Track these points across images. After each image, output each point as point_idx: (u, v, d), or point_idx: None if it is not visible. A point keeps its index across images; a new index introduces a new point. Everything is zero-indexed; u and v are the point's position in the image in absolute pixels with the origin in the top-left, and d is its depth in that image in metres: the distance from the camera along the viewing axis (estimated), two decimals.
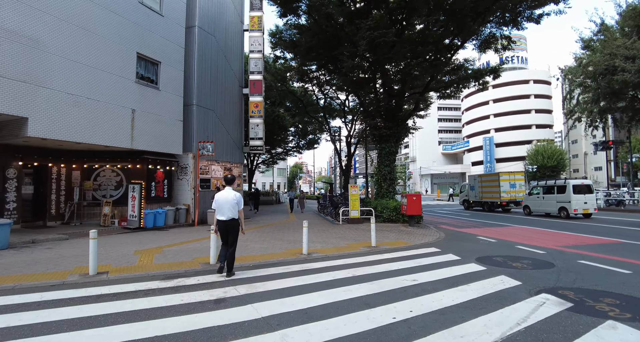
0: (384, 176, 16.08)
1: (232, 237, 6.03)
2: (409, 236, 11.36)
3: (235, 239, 6.09)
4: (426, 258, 7.71)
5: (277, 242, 9.89)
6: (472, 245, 9.71)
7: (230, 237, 6.02)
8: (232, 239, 6.05)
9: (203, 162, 15.77)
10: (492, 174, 23.15)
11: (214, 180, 16.36)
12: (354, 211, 14.44)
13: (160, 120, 13.82)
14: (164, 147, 14.01)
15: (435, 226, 14.24)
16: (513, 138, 71.73)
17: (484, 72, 17.50)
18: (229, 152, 17.54)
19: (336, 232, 12.23)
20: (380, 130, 15.72)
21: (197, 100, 15.68)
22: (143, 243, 9.89)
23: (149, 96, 13.41)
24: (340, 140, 28.32)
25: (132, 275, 6.14)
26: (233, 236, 6.03)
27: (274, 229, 13.03)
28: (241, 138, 18.85)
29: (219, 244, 7.91)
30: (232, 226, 5.99)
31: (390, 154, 16.18)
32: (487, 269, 6.62)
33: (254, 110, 18.60)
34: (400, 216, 14.49)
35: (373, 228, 9.30)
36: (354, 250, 8.71)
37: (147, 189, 13.65)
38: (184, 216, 14.82)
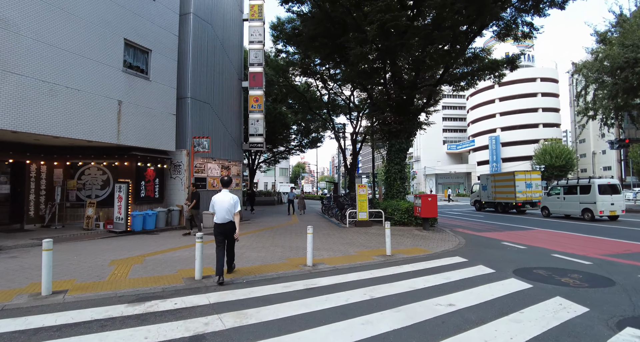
0: (394, 175, 14.83)
1: (230, 239, 6.05)
2: (426, 241, 10.12)
3: (234, 242, 6.21)
4: (454, 271, 6.48)
5: (277, 250, 8.68)
6: (500, 253, 8.46)
7: (228, 239, 6.02)
8: (232, 243, 6.15)
9: (198, 159, 14.58)
10: (507, 173, 21.87)
11: (211, 179, 15.17)
12: (362, 212, 13.21)
13: (150, 113, 12.64)
14: (155, 143, 12.83)
15: (451, 230, 13.00)
16: (520, 137, 70.36)
17: (501, 64, 16.24)
18: (227, 149, 16.35)
19: (343, 236, 11.01)
20: (390, 125, 14.48)
21: (192, 92, 14.50)
22: (125, 250, 8.70)
23: (138, 87, 12.23)
24: (345, 138, 27.10)
25: (95, 295, 4.94)
26: (231, 238, 6.04)
27: (274, 233, 11.82)
28: (240, 134, 17.66)
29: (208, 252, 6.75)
30: (230, 228, 5.92)
31: (400, 151, 14.94)
32: (534, 286, 5.38)
33: (253, 105, 17.40)
34: (413, 219, 13.25)
35: (388, 234, 8.06)
36: (366, 260, 7.48)
37: (135, 189, 12.48)
38: (177, 218, 13.64)
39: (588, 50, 35.09)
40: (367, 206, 13.29)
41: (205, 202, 14.98)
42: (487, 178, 23.24)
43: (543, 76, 72.19)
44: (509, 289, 5.24)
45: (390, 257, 7.77)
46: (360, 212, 13.22)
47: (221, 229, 5.88)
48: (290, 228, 13.37)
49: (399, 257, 7.88)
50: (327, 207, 19.66)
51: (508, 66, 16.31)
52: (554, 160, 56.32)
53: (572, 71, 36.02)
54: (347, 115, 26.87)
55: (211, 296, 4.90)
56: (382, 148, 16.34)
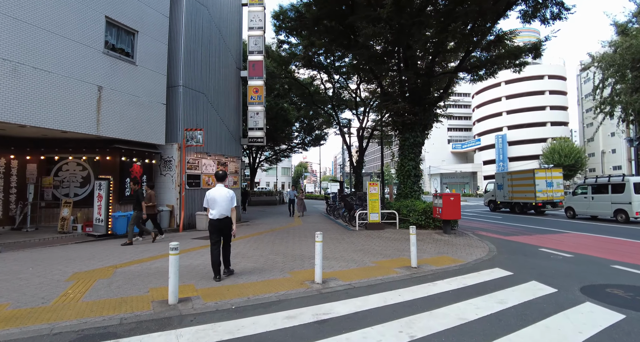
0: (408, 172, 13.38)
1: (226, 237, 5.79)
2: (451, 248, 8.67)
3: (230, 238, 5.90)
4: (505, 291, 5.03)
5: (278, 259, 7.25)
6: (547, 263, 7.00)
7: (224, 237, 5.77)
8: (228, 239, 5.85)
9: (191, 154, 13.18)
10: (526, 170, 20.38)
11: (205, 176, 13.76)
12: (374, 214, 11.77)
13: (137, 102, 11.25)
14: (142, 135, 11.44)
15: (473, 233, 11.56)
16: (527, 136, 68.86)
17: (524, 50, 14.75)
18: (223, 143, 14.94)
19: (354, 242, 9.57)
20: (404, 116, 13.03)
21: (185, 80, 13.10)
22: (97, 258, 7.30)
23: (122, 72, 10.84)
24: (350, 134, 25.65)
25: (20, 332, 3.53)
26: (228, 235, 5.81)
27: (274, 238, 10.39)
28: (239, 128, 16.26)
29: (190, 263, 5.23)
30: (225, 224, 5.67)
31: (415, 146, 13.48)
32: (628, 317, 3.94)
33: (253, 96, 15.99)
34: (431, 221, 11.80)
35: (413, 241, 6.62)
36: (388, 273, 6.04)
37: (119, 187, 11.10)
38: (167, 219, 12.23)
39: (604, 44, 33.57)
40: (379, 207, 11.84)
41: (199, 202, 13.65)
42: (502, 177, 21.74)
43: (551, 73, 70.66)
44: (597, 322, 3.79)
45: (416, 270, 6.33)
46: (371, 213, 11.78)
47: (217, 226, 5.60)
48: (293, 231, 11.94)
49: (426, 269, 6.44)
50: (333, 207, 18.22)
51: (531, 53, 14.82)
52: (563, 159, 54.87)
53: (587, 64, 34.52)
54: (352, 111, 25.43)
55: (183, 334, 3.47)
56: (393, 143, 14.81)
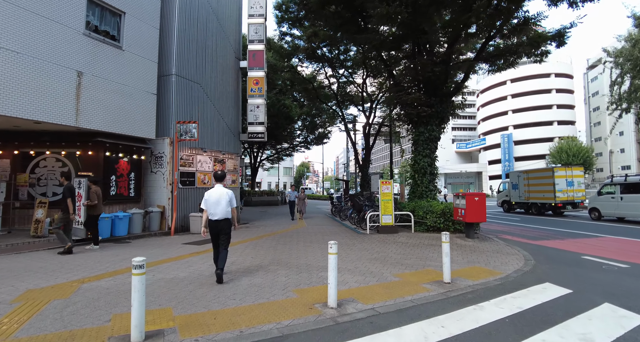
0: (423, 170, 12.17)
1: (224, 238, 5.51)
2: (481, 255, 7.47)
3: (228, 240, 5.56)
4: (579, 319, 3.83)
5: (281, 272, 6.05)
6: (603, 277, 5.80)
7: (222, 238, 5.50)
8: (224, 242, 5.51)
9: (185, 150, 12.01)
10: (544, 169, 19.11)
11: (201, 174, 12.59)
12: (387, 216, 10.56)
13: (123, 91, 10.09)
14: (129, 128, 10.28)
15: (497, 237, 10.36)
16: (533, 135, 67.60)
17: (546, 38, 13.52)
18: (221, 139, 13.77)
19: (367, 248, 8.37)
20: (419, 108, 11.83)
21: (178, 69, 11.94)
22: (64, 270, 6.13)
23: (107, 56, 9.68)
24: (356, 131, 24.47)
25: None
26: (225, 237, 5.52)
27: (276, 243, 9.20)
28: (238, 123, 15.09)
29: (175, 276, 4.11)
30: (224, 226, 5.47)
31: (430, 141, 12.28)
32: None
33: (253, 88, 14.82)
34: (450, 224, 10.60)
35: (447, 250, 5.45)
36: (418, 292, 4.85)
37: (103, 185, 9.93)
38: (157, 221, 11.07)
39: (620, 38, 32.25)
40: (392, 208, 10.64)
41: (194, 202, 12.49)
42: (518, 176, 20.49)
43: (558, 71, 69.40)
44: None
45: (450, 287, 5.14)
46: (384, 215, 10.57)
47: (215, 227, 5.46)
48: (297, 235, 10.74)
49: (462, 284, 5.25)
50: (338, 208, 17.02)
51: (555, 41, 13.58)
52: (570, 159, 53.63)
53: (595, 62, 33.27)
54: (358, 107, 24.24)
55: None
56: (405, 139, 13.58)
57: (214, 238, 5.52)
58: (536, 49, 13.52)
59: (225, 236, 5.48)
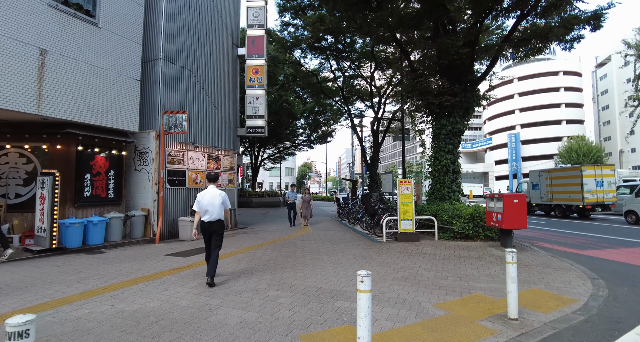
0: (445, 168, 10.67)
1: (216, 240, 5.42)
2: (531, 272, 5.96)
3: (220, 243, 5.47)
4: None
5: (283, 301, 4.56)
6: None
7: (214, 239, 5.41)
8: (217, 243, 5.42)
9: (174, 145, 10.55)
10: (570, 168, 17.53)
11: (192, 173, 11.12)
12: (407, 221, 9.05)
13: (100, 75, 8.64)
14: (107, 118, 8.82)
15: (532, 244, 8.88)
16: (541, 134, 66.06)
17: (581, 21, 12.00)
18: (216, 133, 12.30)
19: (389, 262, 6.87)
20: (441, 97, 10.33)
21: (167, 53, 10.48)
22: (3, 295, 4.66)
23: (79, 34, 8.22)
24: (363, 128, 22.96)
25: None
26: (217, 238, 5.44)
27: (276, 254, 7.70)
28: (235, 116, 13.61)
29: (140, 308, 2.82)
30: (217, 227, 5.42)
31: (453, 135, 10.78)
32: None
33: (252, 78, 13.36)
34: (480, 230, 9.10)
35: (513, 274, 3.94)
36: (479, 338, 3.36)
37: (76, 185, 8.48)
38: (141, 226, 9.60)
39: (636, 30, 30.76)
40: (413, 212, 9.13)
41: (184, 204, 11.03)
42: (539, 175, 18.94)
43: (566, 69, 67.82)
44: None
45: (520, 326, 3.64)
46: (403, 220, 9.06)
47: (208, 228, 5.40)
48: (302, 244, 9.24)
49: (534, 321, 3.77)
50: (346, 211, 15.52)
51: (590, 23, 12.07)
52: (581, 159, 52.03)
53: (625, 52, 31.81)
54: (365, 102, 22.72)
55: None
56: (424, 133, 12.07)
57: (206, 240, 5.51)
58: (569, 32, 12.01)
59: (218, 237, 5.43)
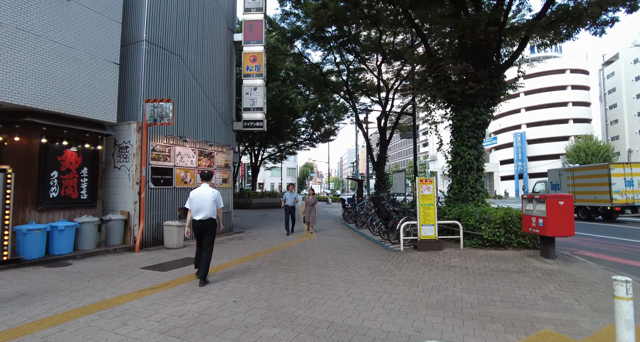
0: (468, 164, 9.36)
1: (207, 239, 5.39)
2: (594, 293, 4.65)
3: (211, 241, 5.44)
4: None
5: (282, 337, 3.26)
6: None
7: (205, 238, 5.41)
8: (208, 241, 5.39)
9: (160, 140, 9.27)
10: (596, 166, 16.19)
11: (180, 171, 9.84)
12: (428, 226, 7.73)
13: (68, 55, 7.37)
14: (78, 106, 7.55)
15: (572, 253, 7.55)
16: (547, 134, 64.71)
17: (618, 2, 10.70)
18: (208, 127, 11.02)
19: (415, 279, 5.56)
20: (463, 84, 9.02)
21: (152, 35, 9.21)
22: None
23: (41, 5, 6.95)
24: (368, 124, 21.66)
25: None
26: (209, 237, 5.41)
27: (276, 269, 6.39)
28: (231, 109, 12.32)
29: None
30: (209, 225, 5.41)
31: (477, 127, 9.48)
32: None
33: (250, 66, 12.08)
34: (513, 237, 7.78)
35: (630, 316, 2.62)
36: None
37: (40, 184, 7.21)
38: (119, 232, 8.32)
39: None
40: (435, 215, 7.81)
41: (171, 206, 9.73)
42: (559, 174, 17.61)
43: (573, 67, 66.48)
44: None
45: None
46: (423, 225, 7.75)
47: (199, 227, 5.38)
48: (306, 253, 7.93)
49: None
50: (352, 213, 14.22)
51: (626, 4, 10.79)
52: (589, 158, 50.77)
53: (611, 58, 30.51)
54: (372, 97, 21.43)
55: None
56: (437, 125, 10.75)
57: (198, 239, 5.49)
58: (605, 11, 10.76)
59: (209, 236, 5.41)
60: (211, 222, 5.41)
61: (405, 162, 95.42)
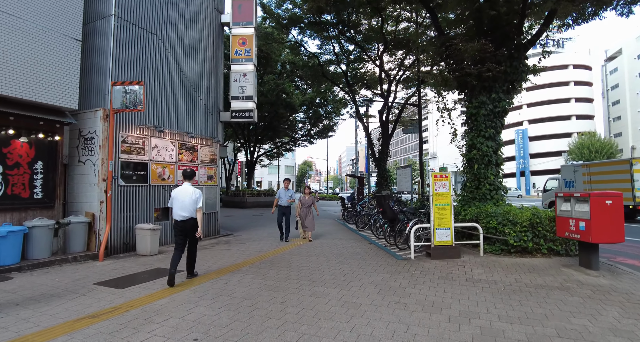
0: (487, 158, 8.20)
1: (192, 239, 5.37)
2: None
3: (196, 241, 5.49)
4: None
5: None
6: None
7: (190, 238, 5.37)
8: (192, 240, 5.39)
9: (132, 130, 8.05)
10: (616, 161, 15.05)
11: (157, 166, 8.63)
12: (443, 230, 6.55)
13: (12, 26, 6.15)
14: (28, 88, 6.34)
15: (615, 262, 6.40)
16: (550, 131, 63.72)
17: None
18: (191, 117, 9.81)
19: (435, 301, 4.38)
20: (480, 65, 7.83)
21: (122, 9, 7.97)
22: None
23: None
24: (369, 117, 20.46)
25: None
26: (193, 237, 5.37)
27: (259, 285, 5.19)
28: (217, 97, 11.09)
29: None
30: (191, 225, 5.30)
31: (495, 116, 8.32)
32: None
33: (239, 50, 10.88)
34: (542, 242, 6.62)
35: None
36: None
37: None
38: (82, 237, 7.11)
39: None
40: (452, 217, 6.63)
41: (146, 207, 8.50)
42: (573, 170, 16.46)
43: (576, 63, 65.43)
44: None
45: None
46: (438, 228, 6.57)
47: (181, 227, 5.26)
48: (298, 263, 6.74)
49: None
50: (352, 213, 13.04)
51: None
52: (593, 155, 49.89)
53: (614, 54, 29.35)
54: (373, 89, 20.22)
55: None
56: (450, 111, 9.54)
57: (178, 238, 5.28)
58: None
59: (194, 236, 5.34)
60: (193, 222, 5.29)
61: (405, 160, 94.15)
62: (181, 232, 5.25)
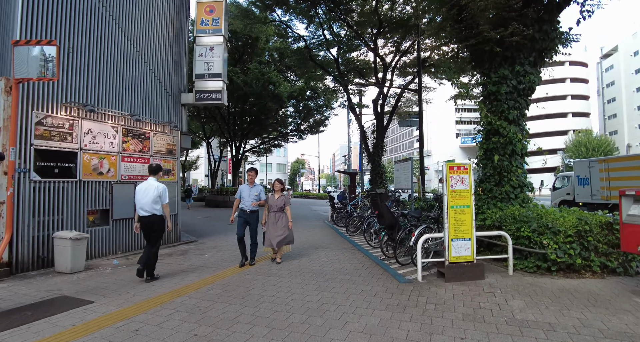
0: (511, 146, 6.47)
1: (154, 235, 5.12)
2: None
3: (158, 238, 5.19)
4: None
5: None
6: None
7: (152, 234, 5.11)
8: (155, 238, 5.13)
9: (55, 109, 6.14)
10: (635, 156, 13.45)
11: (92, 156, 6.73)
12: (462, 241, 4.80)
13: None
14: None
15: None
16: (546, 128, 62.78)
17: None
18: (142, 97, 7.90)
19: None
20: (503, 28, 6.08)
21: None
22: None
23: None
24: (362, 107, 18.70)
25: None
26: (155, 234, 5.13)
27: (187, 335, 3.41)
28: (179, 77, 9.16)
29: None
30: (154, 222, 5.08)
31: (520, 94, 6.64)
32: None
33: (205, 19, 9.03)
34: (592, 255, 4.90)
35: None
36: None
37: None
38: None
39: None
40: (472, 224, 4.87)
41: (73, 209, 6.52)
42: (588, 166, 14.85)
43: (572, 60, 64.30)
44: None
45: None
46: (455, 239, 4.80)
47: (144, 223, 5.07)
48: (263, 285, 4.92)
49: None
50: (343, 214, 11.28)
51: None
52: (590, 153, 48.99)
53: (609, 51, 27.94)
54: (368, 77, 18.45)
55: None
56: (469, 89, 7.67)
57: (145, 234, 5.14)
58: None
59: (155, 233, 5.14)
60: (156, 218, 5.11)
61: (398, 157, 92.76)
62: (144, 227, 5.08)
